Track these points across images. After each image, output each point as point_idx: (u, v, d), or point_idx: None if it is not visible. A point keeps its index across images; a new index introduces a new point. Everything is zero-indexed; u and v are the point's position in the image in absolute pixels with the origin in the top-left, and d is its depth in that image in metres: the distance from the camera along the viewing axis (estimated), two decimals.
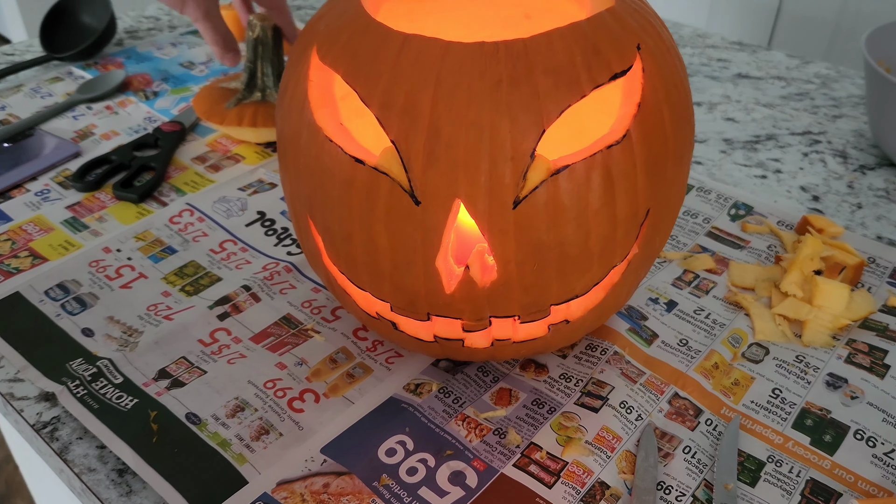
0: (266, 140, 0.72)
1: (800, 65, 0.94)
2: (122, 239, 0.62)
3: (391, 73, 0.39)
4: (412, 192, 0.39)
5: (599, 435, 0.47)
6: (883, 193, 0.71)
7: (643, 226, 0.43)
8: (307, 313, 0.55)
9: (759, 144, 0.78)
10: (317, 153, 0.42)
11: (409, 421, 0.47)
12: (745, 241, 0.64)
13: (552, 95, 0.38)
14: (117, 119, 0.77)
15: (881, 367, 0.52)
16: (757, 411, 0.49)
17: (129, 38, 0.94)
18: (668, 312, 0.56)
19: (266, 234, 0.63)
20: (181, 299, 0.56)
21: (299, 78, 0.43)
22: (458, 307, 0.42)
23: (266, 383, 0.49)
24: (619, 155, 0.40)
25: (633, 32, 0.41)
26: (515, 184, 0.38)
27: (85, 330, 0.53)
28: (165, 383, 0.49)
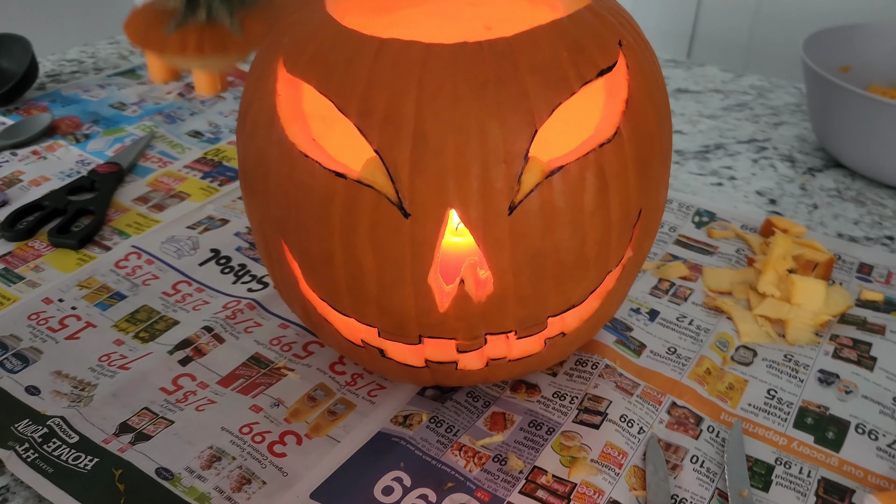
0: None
1: (734, 78, 0.97)
2: (64, 288, 0.57)
3: (369, 79, 0.36)
4: (400, 203, 0.36)
5: (604, 452, 0.44)
6: (835, 193, 0.72)
7: (636, 227, 0.42)
8: (277, 351, 0.51)
9: (709, 154, 0.79)
10: (289, 171, 0.39)
11: (403, 455, 0.44)
12: (713, 246, 0.64)
13: (541, 94, 0.36)
14: (46, 164, 0.72)
15: (868, 360, 0.52)
16: (756, 414, 0.48)
17: (52, 83, 0.89)
18: (652, 322, 0.55)
19: (223, 273, 0.59)
20: (136, 347, 0.51)
21: (265, 93, 0.40)
22: (451, 326, 0.40)
23: (242, 428, 0.45)
24: (611, 154, 0.38)
25: (614, 29, 0.40)
26: (510, 188, 0.36)
27: (29, 388, 0.48)
28: (129, 438, 0.44)
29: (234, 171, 0.72)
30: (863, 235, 0.66)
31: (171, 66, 0.88)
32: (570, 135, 0.40)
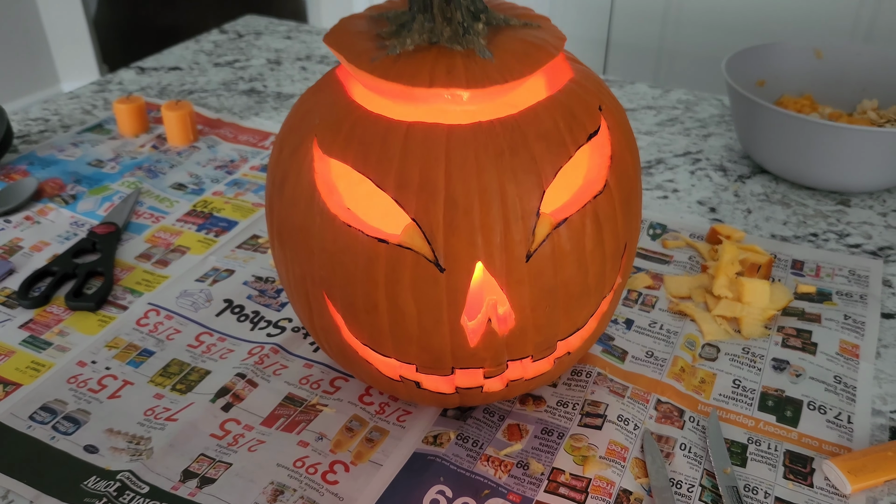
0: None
1: (662, 94, 1.07)
2: (94, 350, 0.61)
3: (402, 158, 0.43)
4: (437, 261, 0.43)
5: (610, 448, 0.52)
6: (764, 198, 0.82)
7: (623, 257, 0.49)
8: (308, 389, 0.57)
9: (652, 169, 0.88)
10: (333, 237, 0.45)
11: (441, 471, 0.50)
12: (668, 256, 0.73)
13: (547, 159, 0.43)
14: (41, 228, 0.75)
15: (811, 346, 0.61)
16: (727, 402, 0.57)
17: (23, 144, 0.91)
18: (629, 330, 0.63)
19: (239, 321, 0.64)
20: (176, 398, 0.56)
21: (302, 169, 0.46)
22: (480, 357, 0.47)
23: (295, 462, 0.51)
24: (603, 202, 0.46)
25: (594, 95, 0.47)
26: (526, 239, 0.43)
27: (87, 447, 0.52)
28: (194, 482, 0.49)
29: (227, 221, 0.76)
30: (792, 234, 0.76)
31: (141, 119, 0.92)
32: (562, 185, 0.47)
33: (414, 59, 0.44)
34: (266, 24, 1.30)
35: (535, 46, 0.45)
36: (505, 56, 0.44)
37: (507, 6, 0.50)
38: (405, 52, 0.45)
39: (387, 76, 0.44)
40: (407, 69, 0.44)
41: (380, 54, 0.45)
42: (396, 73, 0.43)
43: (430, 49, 0.45)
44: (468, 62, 0.44)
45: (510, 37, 0.46)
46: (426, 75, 0.43)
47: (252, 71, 1.12)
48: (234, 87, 1.07)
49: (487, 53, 0.44)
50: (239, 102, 1.02)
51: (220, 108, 1.01)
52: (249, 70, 1.12)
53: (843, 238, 0.75)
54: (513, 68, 0.44)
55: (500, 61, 0.44)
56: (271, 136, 0.94)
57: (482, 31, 0.46)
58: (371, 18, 0.49)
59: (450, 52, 0.45)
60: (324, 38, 0.48)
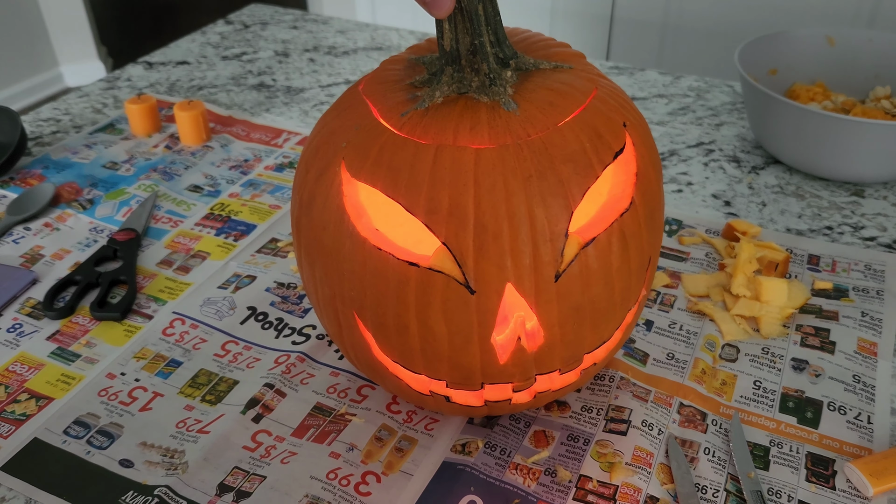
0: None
1: (673, 80, 1.06)
2: (122, 361, 0.62)
3: (431, 182, 0.43)
4: (467, 283, 0.44)
5: (635, 455, 0.53)
6: (778, 189, 0.83)
7: (648, 270, 0.50)
8: (335, 398, 0.58)
9: (665, 161, 0.88)
10: (364, 259, 0.45)
11: (471, 480, 0.52)
12: (685, 253, 0.73)
13: (574, 181, 0.44)
14: (61, 236, 0.76)
15: (829, 345, 0.62)
16: (748, 404, 0.58)
17: (36, 146, 0.91)
18: (650, 332, 0.64)
19: (263, 328, 0.65)
20: (207, 410, 0.57)
21: (330, 193, 0.46)
22: (509, 373, 0.48)
23: (328, 474, 0.52)
24: (629, 219, 0.46)
25: (618, 111, 0.48)
26: (555, 260, 0.44)
27: (123, 462, 0.54)
28: (230, 496, 0.51)
29: (245, 224, 0.77)
30: (807, 228, 0.77)
31: (153, 119, 0.92)
32: (588, 202, 0.47)
33: (440, 114, 0.45)
34: (272, 14, 1.29)
35: (561, 95, 0.46)
36: (530, 108, 0.45)
37: (542, 44, 0.50)
38: (434, 104, 0.46)
39: (413, 133, 0.45)
40: (433, 125, 0.45)
41: (410, 107, 0.46)
42: (423, 131, 0.45)
43: (458, 101, 0.46)
44: (492, 116, 0.44)
45: (538, 84, 0.47)
46: (451, 133, 0.44)
47: (260, 64, 1.12)
48: (243, 82, 1.06)
49: (512, 105, 0.45)
50: (249, 98, 1.02)
51: (230, 104, 1.00)
52: (258, 63, 1.12)
53: (858, 231, 0.76)
54: (536, 121, 0.44)
55: (524, 114, 0.45)
56: (283, 133, 0.94)
57: (511, 79, 0.47)
58: (409, 63, 0.50)
59: (476, 104, 0.46)
60: (360, 88, 0.49)
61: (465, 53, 0.46)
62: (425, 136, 0.44)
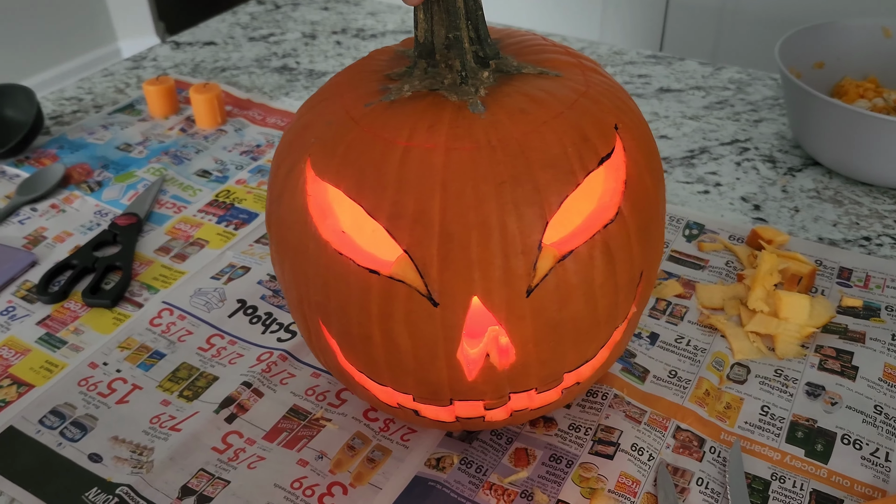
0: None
1: (713, 72, 1.00)
2: (106, 351, 0.61)
3: (396, 185, 0.40)
4: (430, 295, 0.41)
5: (620, 482, 0.49)
6: (814, 194, 0.77)
7: (639, 286, 0.46)
8: (313, 401, 0.56)
9: (694, 159, 0.83)
10: (326, 264, 0.43)
11: (440, 499, 0.49)
12: (704, 260, 0.68)
13: (552, 188, 0.40)
14: (66, 217, 0.75)
15: (851, 370, 0.57)
16: (752, 431, 0.53)
17: (56, 126, 0.91)
18: (653, 346, 0.60)
19: (251, 323, 0.63)
20: (183, 406, 0.56)
21: (295, 191, 0.44)
22: (480, 390, 0.44)
23: (292, 483, 0.50)
24: (615, 230, 0.42)
25: (610, 112, 0.44)
26: (527, 274, 0.41)
27: (92, 456, 0.52)
28: (191, 501, 0.49)
29: (247, 212, 0.75)
30: (841, 238, 0.71)
31: (171, 100, 0.91)
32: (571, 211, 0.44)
33: (403, 109, 0.42)
34: None
35: (536, 103, 0.42)
36: (499, 113, 0.41)
37: (536, 48, 0.46)
38: (401, 98, 0.43)
39: (372, 126, 0.41)
40: (392, 120, 0.42)
41: (375, 99, 0.43)
42: (381, 124, 0.42)
43: (426, 97, 0.43)
44: (456, 117, 0.41)
45: (516, 89, 0.43)
46: (406, 130, 0.41)
47: (286, 46, 1.10)
48: (266, 64, 1.04)
49: (479, 108, 0.41)
50: (270, 81, 1.00)
51: (251, 86, 0.99)
52: (283, 45, 1.10)
53: None
54: (502, 126, 0.41)
55: (490, 118, 0.41)
56: None
57: (487, 80, 0.43)
58: (396, 54, 0.47)
59: (443, 102, 0.42)
60: (339, 78, 0.46)
61: (440, 47, 0.43)
62: (383, 131, 0.41)
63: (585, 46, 1.08)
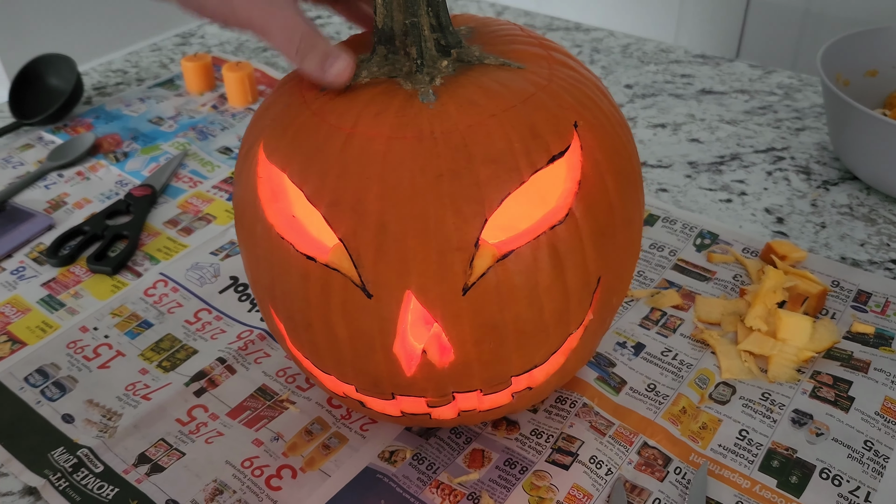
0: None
1: (763, 75, 0.95)
2: (99, 316, 0.62)
3: (336, 172, 0.40)
4: (364, 286, 0.40)
5: (570, 494, 0.48)
6: (846, 210, 0.72)
7: (596, 292, 0.44)
8: (282, 382, 0.56)
9: (723, 165, 0.79)
10: (270, 247, 0.43)
11: (385, 492, 0.48)
12: (710, 272, 0.65)
13: (493, 184, 0.39)
14: (89, 185, 0.78)
15: (845, 400, 0.53)
16: (725, 455, 0.50)
17: (98, 96, 0.95)
18: (636, 356, 0.57)
19: (240, 300, 0.64)
20: (158, 376, 0.57)
21: (249, 173, 0.44)
22: (420, 387, 0.43)
23: (244, 462, 0.50)
24: (563, 233, 0.41)
25: (571, 108, 0.42)
26: (463, 272, 0.39)
27: (65, 416, 0.54)
28: (145, 469, 0.50)
29: None
30: (867, 259, 0.66)
31: (207, 77, 0.93)
32: (529, 212, 0.42)
33: (355, 96, 0.42)
34: None
35: (489, 95, 0.41)
36: (448, 104, 0.40)
37: (507, 38, 0.45)
38: (357, 84, 0.42)
39: (321, 111, 0.41)
40: (341, 106, 0.41)
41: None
42: (330, 110, 0.41)
43: (381, 84, 0.42)
44: (404, 105, 0.40)
45: (472, 80, 0.42)
46: (353, 116, 0.40)
47: (330, 29, 1.10)
48: None
49: (430, 97, 0.40)
50: None
51: (289, 67, 1.00)
52: (328, 28, 1.11)
53: None
54: (447, 117, 0.40)
55: (439, 108, 0.40)
56: None
57: (446, 70, 0.42)
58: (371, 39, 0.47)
59: (396, 90, 0.42)
60: None
61: (398, 34, 0.42)
62: (331, 116, 0.41)
63: (632, 42, 1.05)
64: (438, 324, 0.41)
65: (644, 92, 0.93)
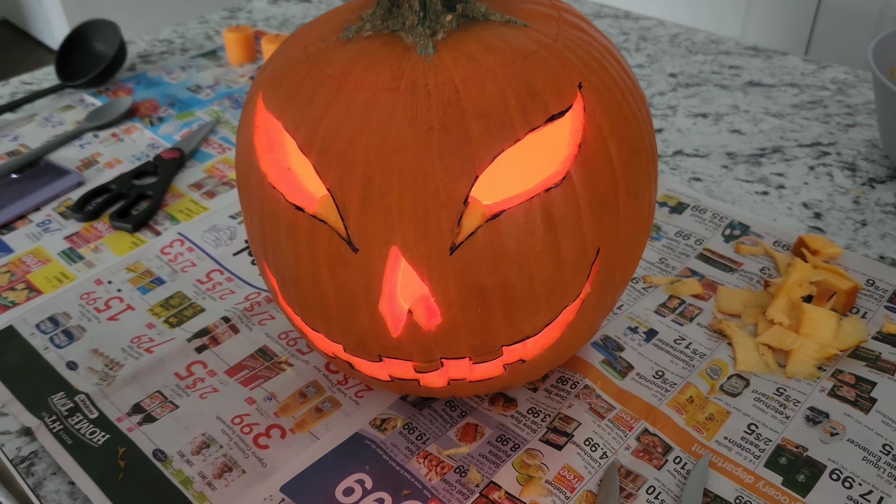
0: None
1: (816, 70, 0.91)
2: (114, 271, 0.63)
3: (327, 121, 0.39)
4: (349, 239, 0.39)
5: (560, 474, 0.46)
6: (891, 209, 0.68)
7: (594, 264, 0.42)
8: (283, 345, 0.56)
9: (763, 158, 0.76)
10: (262, 198, 0.42)
11: (371, 458, 0.47)
12: (737, 263, 0.62)
13: (484, 140, 0.37)
14: (122, 147, 0.80)
15: (866, 401, 0.50)
16: (730, 448, 0.48)
17: (142, 63, 0.96)
18: (647, 342, 0.55)
19: (252, 264, 0.64)
20: (164, 331, 0.57)
21: (247, 124, 0.43)
22: (406, 349, 0.42)
23: (234, 419, 0.50)
24: (559, 197, 0.39)
25: (576, 69, 0.40)
26: (451, 230, 0.38)
27: (69, 363, 0.55)
28: (138, 418, 0.50)
29: None
30: None
31: (248, 48, 0.94)
32: (529, 176, 0.40)
33: (355, 48, 0.41)
34: None
35: (488, 50, 0.39)
36: (445, 57, 0.39)
37: None
38: (359, 37, 0.42)
39: (319, 62, 0.41)
40: (339, 58, 0.40)
41: (334, 37, 0.42)
42: (328, 61, 0.41)
43: (382, 37, 0.42)
44: (400, 59, 0.39)
45: (474, 35, 0.41)
46: (345, 67, 0.40)
47: None
48: None
49: (428, 50, 0.39)
50: None
51: None
52: None
53: None
54: (442, 71, 0.38)
55: (436, 61, 0.39)
56: None
57: (450, 24, 0.41)
58: None
59: (395, 43, 0.41)
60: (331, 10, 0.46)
61: None
62: (328, 68, 0.40)
63: (681, 32, 1.01)
64: (425, 283, 0.39)
65: (688, 81, 0.90)
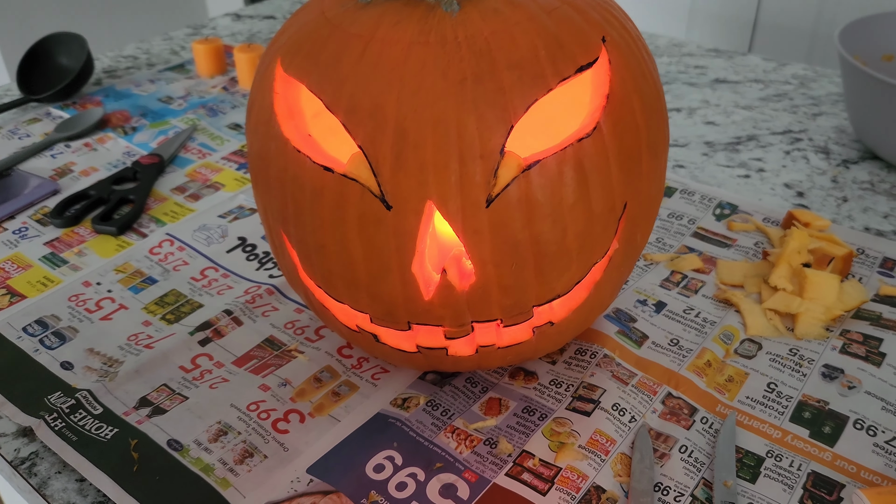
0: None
1: (777, 67, 0.95)
2: (102, 272, 0.61)
3: (355, 78, 0.38)
4: (383, 196, 0.38)
5: (593, 439, 0.45)
6: (868, 186, 0.71)
7: (622, 220, 0.42)
8: (290, 334, 0.54)
9: (740, 145, 0.78)
10: (285, 164, 0.41)
11: (397, 436, 0.46)
12: (731, 239, 0.63)
13: (518, 90, 0.37)
14: (96, 155, 0.77)
15: (877, 356, 0.51)
16: (753, 406, 0.48)
17: (108, 78, 0.94)
18: (658, 313, 0.55)
19: (247, 259, 0.62)
20: (162, 328, 0.55)
21: (265, 91, 0.43)
22: (438, 313, 0.41)
23: (249, 406, 0.48)
24: (590, 148, 0.39)
25: (597, 25, 0.41)
26: (487, 182, 0.38)
27: (64, 363, 0.52)
28: (146, 411, 0.48)
29: None
30: (891, 230, 0.64)
31: (218, 60, 0.92)
32: (557, 129, 0.41)
33: (377, 9, 0.41)
34: None
35: (513, 5, 0.40)
36: (471, 12, 0.39)
37: None
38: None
39: (341, 24, 0.40)
40: (362, 18, 0.40)
41: (351, 2, 0.42)
42: (350, 22, 0.40)
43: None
44: (426, 15, 0.39)
45: None
46: (372, 25, 0.39)
47: None
48: None
49: (453, 6, 0.39)
50: None
51: None
52: None
53: None
54: (470, 25, 0.39)
55: (462, 16, 0.39)
56: None
57: None
58: None
59: (419, 2, 0.41)
60: None
61: None
62: (351, 27, 0.40)
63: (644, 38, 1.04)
64: (460, 238, 0.39)
65: None
